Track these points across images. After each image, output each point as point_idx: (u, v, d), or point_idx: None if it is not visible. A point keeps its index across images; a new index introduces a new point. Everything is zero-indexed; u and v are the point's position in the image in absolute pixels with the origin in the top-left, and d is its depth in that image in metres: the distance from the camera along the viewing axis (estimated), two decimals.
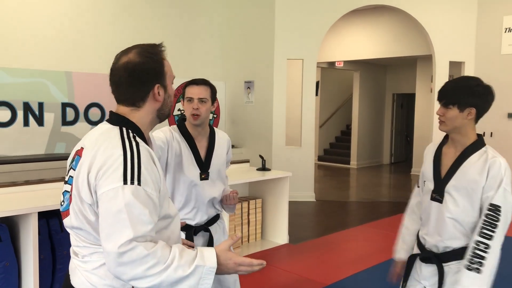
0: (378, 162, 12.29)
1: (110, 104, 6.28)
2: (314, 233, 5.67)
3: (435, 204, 1.99)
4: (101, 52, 6.26)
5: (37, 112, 5.69)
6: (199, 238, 2.43)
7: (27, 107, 5.58)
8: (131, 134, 1.38)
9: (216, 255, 1.32)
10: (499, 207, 1.83)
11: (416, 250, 2.12)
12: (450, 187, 1.94)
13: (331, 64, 10.72)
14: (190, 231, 2.37)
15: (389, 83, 12.26)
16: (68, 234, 1.62)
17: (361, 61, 10.85)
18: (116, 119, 1.43)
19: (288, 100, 7.45)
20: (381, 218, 6.46)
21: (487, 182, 1.85)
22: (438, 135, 7.46)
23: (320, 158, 12.24)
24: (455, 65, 7.56)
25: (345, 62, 10.65)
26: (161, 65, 1.44)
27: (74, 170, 1.40)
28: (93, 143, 1.37)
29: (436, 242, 1.98)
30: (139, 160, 1.32)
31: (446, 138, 2.07)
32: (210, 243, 2.43)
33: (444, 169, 1.98)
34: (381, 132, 12.32)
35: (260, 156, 5.24)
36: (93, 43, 6.29)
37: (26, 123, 5.59)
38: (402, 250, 2.23)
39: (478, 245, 1.82)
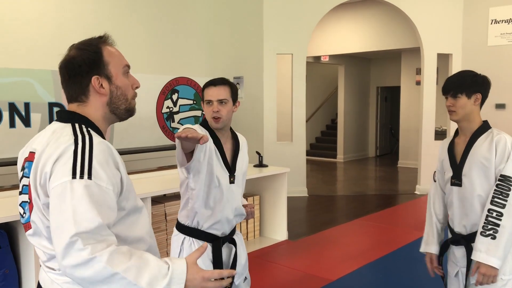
0: (364, 155, 12.36)
1: None
2: (311, 229, 5.64)
3: (455, 188, 2.15)
4: None
5: (23, 113, 5.49)
6: (224, 251, 2.27)
7: (13, 107, 5.38)
8: (84, 129, 1.31)
9: (186, 270, 1.20)
10: (509, 177, 1.99)
11: (449, 236, 2.26)
12: (466, 169, 2.11)
13: (317, 58, 10.71)
14: (217, 242, 2.22)
15: (373, 76, 12.33)
16: None
17: (346, 55, 10.86)
18: (66, 116, 1.36)
19: (278, 95, 7.40)
20: (374, 211, 6.48)
21: (496, 157, 2.02)
22: (427, 125, 7.54)
23: (307, 153, 12.21)
24: (442, 57, 7.63)
25: (330, 56, 10.65)
26: (97, 55, 1.35)
27: (28, 177, 1.31)
28: (44, 143, 1.29)
29: (464, 223, 2.12)
30: (91, 153, 1.23)
31: (456, 133, 2.25)
32: (235, 254, 2.30)
33: (458, 156, 2.16)
34: (366, 125, 12.39)
35: (257, 153, 5.18)
36: (78, 41, 6.11)
37: (12, 124, 5.39)
38: (431, 244, 2.31)
39: (491, 213, 1.97)
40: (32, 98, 5.55)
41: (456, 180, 2.14)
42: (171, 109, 6.83)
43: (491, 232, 1.95)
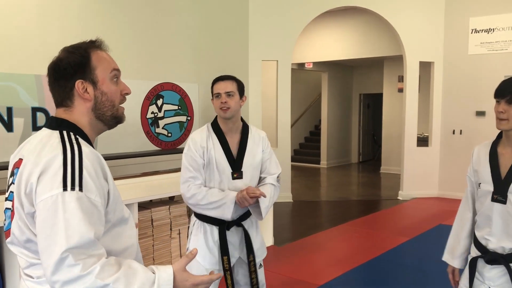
0: (347, 161, 12.48)
1: None
2: (297, 234, 5.67)
3: (497, 205, 1.95)
4: None
5: (5, 118, 5.41)
6: (233, 234, 2.42)
7: None
8: (72, 137, 1.27)
9: (173, 277, 1.21)
10: None
11: (475, 252, 2.09)
12: None
13: (301, 65, 10.81)
14: (223, 225, 2.36)
15: (356, 83, 12.48)
16: None
17: (330, 62, 10.98)
18: (55, 123, 1.32)
19: (263, 101, 7.44)
20: (358, 217, 6.55)
21: None
22: (410, 132, 7.66)
23: (291, 159, 12.28)
24: (424, 65, 7.77)
25: (314, 63, 10.76)
26: (84, 59, 1.32)
27: (15, 184, 1.29)
28: (31, 151, 1.26)
29: (504, 243, 1.95)
30: (81, 164, 1.20)
31: (498, 138, 2.04)
32: (247, 238, 2.42)
33: (504, 170, 1.95)
34: (349, 132, 12.52)
35: None
36: (62, 45, 6.02)
37: None
38: (457, 258, 2.19)
39: None
40: (15, 102, 5.46)
41: (500, 196, 1.94)
42: (155, 114, 6.79)
43: None
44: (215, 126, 2.44)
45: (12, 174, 1.32)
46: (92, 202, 1.19)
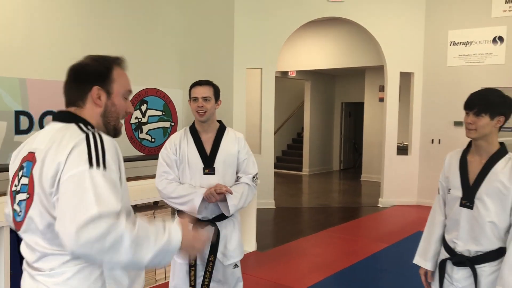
0: (328, 168, 12.63)
1: None
2: (279, 240, 5.74)
3: (465, 210, 2.07)
4: (55, 59, 6.02)
5: None
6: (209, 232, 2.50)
7: None
8: (89, 126, 1.39)
9: (181, 232, 1.36)
10: None
11: (444, 254, 2.19)
12: (481, 193, 2.03)
13: (284, 73, 10.94)
14: (195, 224, 2.39)
15: (338, 92, 12.66)
16: None
17: (312, 71, 11.14)
18: (68, 117, 1.43)
19: (247, 108, 7.52)
20: (339, 223, 6.66)
21: None
22: (390, 141, 7.83)
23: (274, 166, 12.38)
24: (405, 76, 7.97)
25: (298, 71, 10.91)
26: (106, 69, 1.46)
27: (27, 177, 1.37)
28: (49, 142, 1.35)
29: (470, 246, 2.05)
30: (103, 146, 1.31)
31: (469, 147, 2.16)
32: (217, 237, 2.51)
33: (472, 177, 2.07)
34: (330, 140, 12.68)
35: None
36: (47, 49, 6.05)
37: None
38: (429, 260, 2.27)
39: None
40: None
41: (467, 202, 2.06)
42: (139, 119, 6.81)
43: None
44: (192, 127, 2.66)
45: (22, 168, 1.40)
46: (114, 181, 1.30)
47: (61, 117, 1.45)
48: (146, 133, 6.89)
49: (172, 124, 7.48)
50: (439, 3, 7.70)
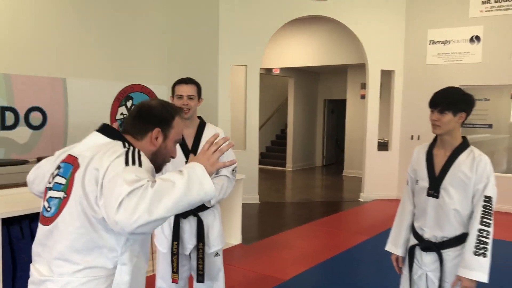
0: (311, 164, 12.82)
1: (52, 107, 6.08)
2: (263, 233, 5.89)
3: (431, 199, 2.25)
4: (41, 55, 6.05)
5: None
6: (189, 223, 2.64)
7: None
8: (131, 147, 1.51)
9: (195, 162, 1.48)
10: (491, 198, 2.15)
11: (413, 241, 2.37)
12: (446, 183, 2.21)
13: (268, 70, 11.07)
14: (177, 215, 2.54)
15: (321, 89, 12.85)
16: (29, 240, 1.83)
17: (296, 68, 11.30)
18: (118, 136, 1.57)
19: (231, 105, 7.63)
20: (321, 217, 6.83)
21: (476, 176, 2.16)
22: (371, 137, 8.02)
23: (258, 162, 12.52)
24: (385, 73, 8.17)
25: (281, 69, 11.05)
26: (170, 116, 1.64)
27: (63, 177, 1.49)
28: (95, 152, 1.48)
29: (436, 233, 2.24)
30: (139, 157, 1.44)
31: (434, 141, 2.34)
32: (199, 226, 2.62)
33: (437, 168, 2.26)
34: (313, 136, 12.87)
35: None
36: (33, 45, 6.06)
37: None
38: (399, 247, 2.44)
39: (481, 232, 2.10)
40: None
41: (433, 191, 2.23)
42: (125, 115, 6.86)
43: (483, 251, 2.07)
44: None
45: (58, 168, 1.54)
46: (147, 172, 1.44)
47: (108, 132, 1.57)
48: None
49: None
50: (419, 3, 7.91)
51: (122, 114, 6.85)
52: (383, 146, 8.60)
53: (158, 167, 1.65)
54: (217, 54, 7.40)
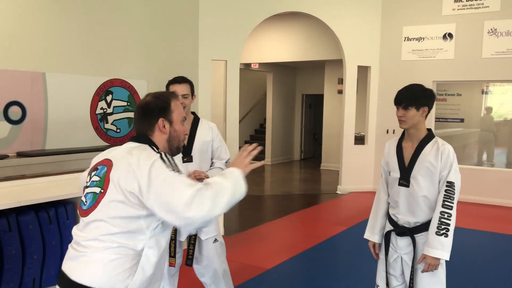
0: (290, 158, 13.00)
1: (31, 102, 6.06)
2: (245, 225, 6.01)
3: (403, 189, 2.45)
4: (17, 49, 6.00)
5: None
6: None
7: None
8: (162, 153, 1.74)
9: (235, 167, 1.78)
10: (453, 183, 2.34)
11: (388, 227, 2.56)
12: (415, 173, 2.41)
13: (247, 65, 11.16)
14: None
15: (299, 84, 13.02)
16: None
17: (274, 64, 11.42)
18: (144, 139, 1.81)
19: (212, 99, 7.71)
20: (300, 209, 7.01)
21: (441, 164, 2.36)
22: (348, 131, 8.21)
23: None
24: (362, 69, 8.37)
25: (260, 64, 11.16)
26: (166, 104, 1.82)
27: (98, 175, 1.71)
28: (127, 154, 1.69)
29: (409, 219, 2.44)
30: (173, 158, 1.72)
31: (403, 135, 2.53)
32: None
33: (407, 160, 2.46)
34: (292, 130, 13.05)
35: None
36: (12, 39, 6.01)
37: None
38: (376, 234, 2.63)
39: (443, 215, 2.30)
40: None
41: (404, 181, 2.43)
42: (105, 110, 6.87)
43: (444, 231, 2.27)
44: None
45: (96, 169, 1.75)
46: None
47: (138, 139, 1.80)
48: (112, 124, 6.97)
49: None
50: (395, 1, 8.13)
51: (102, 108, 6.85)
52: (359, 140, 8.82)
53: (177, 148, 1.87)
54: (197, 49, 7.45)
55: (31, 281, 3.48)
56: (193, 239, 2.81)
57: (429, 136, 2.45)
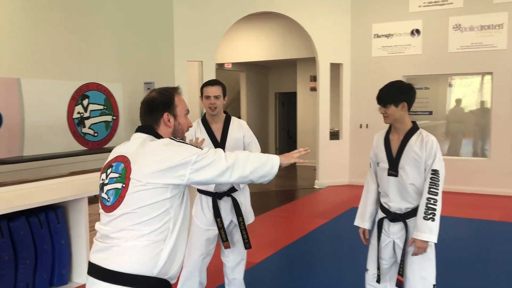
0: None
1: (7, 108, 6.00)
2: None
3: (392, 178, 2.63)
4: None
5: None
6: (225, 202, 3.07)
7: None
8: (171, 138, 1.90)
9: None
10: (438, 171, 2.53)
11: (381, 214, 2.73)
12: (402, 163, 2.60)
13: (221, 65, 11.24)
14: (214, 196, 3.03)
15: (271, 83, 13.19)
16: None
17: (247, 63, 11.55)
18: (150, 131, 1.92)
19: (188, 100, 7.77)
20: (280, 205, 7.17)
21: (425, 154, 2.55)
22: (323, 127, 8.42)
23: None
24: (334, 66, 8.59)
25: (233, 63, 11.26)
26: (169, 99, 1.93)
27: (116, 172, 1.80)
28: (140, 146, 1.81)
29: (400, 205, 2.63)
30: (185, 142, 1.86)
31: (390, 128, 2.72)
32: (236, 204, 3.03)
33: (394, 151, 2.65)
34: (266, 128, 13.21)
35: None
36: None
37: None
38: (366, 221, 2.81)
39: (429, 200, 2.49)
40: None
41: (393, 171, 2.62)
42: (82, 114, 6.84)
43: (431, 216, 2.45)
44: (203, 119, 3.10)
45: (111, 166, 1.84)
46: None
47: (144, 130, 1.91)
48: (89, 128, 6.94)
49: (114, 117, 7.53)
50: None
51: (78, 113, 6.82)
52: (334, 135, 9.05)
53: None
54: (172, 50, 7.49)
55: (25, 286, 3.51)
56: (242, 225, 3.07)
57: (414, 128, 2.63)
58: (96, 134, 7.07)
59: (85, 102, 6.88)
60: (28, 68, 6.36)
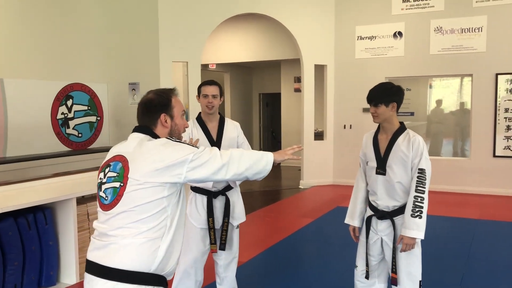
0: None
1: None
2: None
3: (380, 177, 2.71)
4: None
5: None
6: (219, 202, 3.13)
7: None
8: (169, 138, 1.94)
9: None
10: (424, 169, 2.60)
11: (369, 212, 2.80)
12: (390, 162, 2.68)
13: (205, 66, 11.25)
14: (210, 195, 3.07)
15: (255, 84, 13.26)
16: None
17: (231, 64, 11.59)
18: (148, 131, 1.95)
19: None
20: (266, 205, 7.22)
21: (412, 153, 2.63)
22: (308, 127, 8.51)
23: None
24: (318, 68, 8.69)
25: (217, 64, 11.29)
26: (167, 100, 1.97)
27: (113, 171, 1.84)
28: (138, 146, 1.85)
29: (388, 203, 2.70)
30: (182, 142, 1.90)
31: (378, 128, 2.81)
32: (227, 204, 3.08)
33: (382, 150, 2.73)
34: (250, 129, 13.26)
35: None
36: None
37: None
38: (356, 219, 2.88)
39: (416, 199, 2.57)
40: None
41: (381, 170, 2.69)
42: (66, 115, 6.78)
43: (418, 213, 2.53)
44: (199, 118, 3.16)
45: (109, 166, 1.87)
46: None
47: (141, 130, 1.94)
48: (73, 129, 6.88)
49: (98, 118, 7.48)
50: (347, 2, 8.50)
51: (62, 113, 6.75)
52: (318, 136, 9.15)
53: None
54: (157, 51, 7.48)
55: (13, 287, 3.49)
56: (225, 225, 3.10)
57: (401, 128, 2.72)
58: (80, 135, 7.02)
59: (69, 102, 6.82)
60: (11, 68, 6.30)
